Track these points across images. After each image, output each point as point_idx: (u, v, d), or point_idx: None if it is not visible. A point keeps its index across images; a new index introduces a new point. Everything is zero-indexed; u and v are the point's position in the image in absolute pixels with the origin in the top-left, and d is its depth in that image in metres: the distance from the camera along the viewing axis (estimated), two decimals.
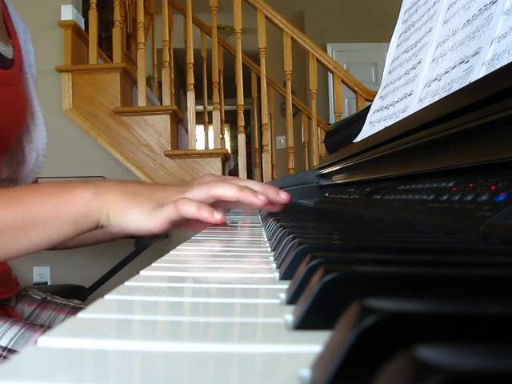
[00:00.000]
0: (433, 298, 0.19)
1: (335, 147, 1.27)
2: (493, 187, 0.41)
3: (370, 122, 0.98)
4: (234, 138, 7.34)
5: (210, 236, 0.59)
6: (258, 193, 0.57)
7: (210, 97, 2.95)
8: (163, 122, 2.57)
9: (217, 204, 0.60)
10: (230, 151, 2.89)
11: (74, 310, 0.88)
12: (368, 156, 0.81)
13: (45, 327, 0.72)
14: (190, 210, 0.53)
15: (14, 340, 0.67)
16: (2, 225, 0.54)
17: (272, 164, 3.05)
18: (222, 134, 3.21)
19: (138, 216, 0.54)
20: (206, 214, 0.53)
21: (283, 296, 0.25)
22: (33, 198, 0.56)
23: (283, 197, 0.61)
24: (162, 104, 2.85)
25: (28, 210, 0.55)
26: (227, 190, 0.57)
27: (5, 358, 0.66)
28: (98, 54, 2.68)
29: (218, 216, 0.54)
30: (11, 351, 0.66)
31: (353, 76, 2.78)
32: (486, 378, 0.09)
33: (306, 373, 0.15)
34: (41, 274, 2.53)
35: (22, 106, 0.82)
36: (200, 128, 4.04)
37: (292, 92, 2.79)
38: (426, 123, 0.56)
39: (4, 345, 0.66)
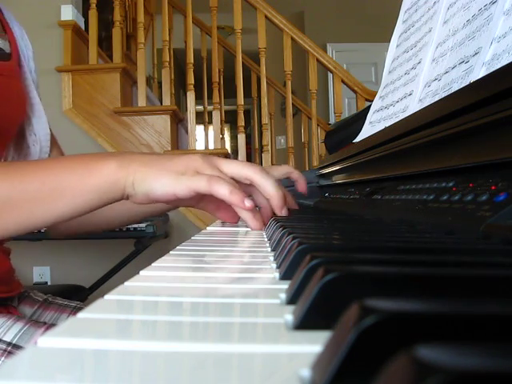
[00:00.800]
0: (433, 298, 0.19)
1: (335, 147, 1.27)
2: (493, 187, 0.41)
3: (370, 122, 0.98)
4: (233, 138, 7.34)
5: (210, 236, 0.59)
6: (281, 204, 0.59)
7: (210, 97, 2.95)
8: (163, 122, 2.57)
9: (243, 186, 0.59)
10: (229, 151, 2.89)
11: (76, 311, 0.88)
12: (368, 156, 0.81)
13: (48, 324, 0.72)
14: (222, 191, 0.53)
15: (19, 336, 0.67)
16: (31, 194, 0.55)
17: (272, 164, 3.05)
18: (222, 134, 3.21)
19: (165, 180, 0.54)
20: (237, 199, 0.53)
21: (283, 296, 0.25)
22: (59, 169, 0.57)
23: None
24: (162, 104, 2.85)
25: (55, 180, 0.56)
26: (267, 183, 0.57)
27: (9, 353, 0.66)
28: (98, 54, 2.68)
29: (248, 203, 0.54)
30: (15, 346, 0.66)
31: (353, 76, 2.78)
32: (486, 378, 0.09)
33: (306, 373, 0.15)
34: (41, 274, 2.53)
35: (21, 97, 0.83)
36: (200, 128, 4.04)
37: (292, 92, 2.79)
38: (426, 123, 0.56)
39: (8, 340, 0.67)
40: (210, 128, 2.89)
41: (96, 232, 0.92)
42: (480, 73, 0.55)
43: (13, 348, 0.66)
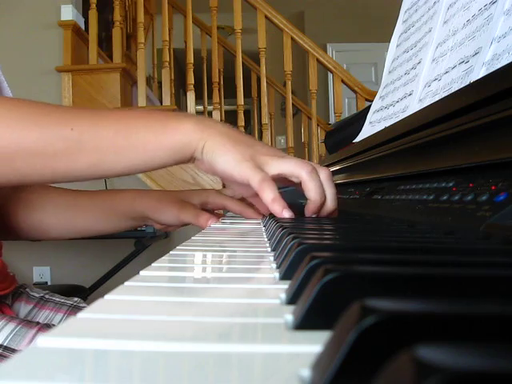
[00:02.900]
0: (433, 297, 0.19)
1: (335, 147, 1.27)
2: (493, 187, 0.41)
3: (370, 122, 0.98)
4: None
5: (210, 236, 0.59)
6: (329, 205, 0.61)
7: (210, 97, 2.95)
8: None
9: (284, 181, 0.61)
10: None
11: (72, 309, 0.88)
12: (368, 156, 0.81)
13: (40, 324, 0.71)
14: (267, 196, 0.56)
15: (10, 337, 0.67)
16: (102, 141, 0.56)
17: None
18: None
19: (229, 159, 0.56)
20: (278, 209, 0.57)
21: (283, 296, 0.25)
22: (134, 121, 0.58)
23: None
24: (162, 104, 2.85)
25: (129, 132, 0.57)
26: (311, 186, 0.58)
27: (0, 355, 0.66)
28: (98, 54, 2.68)
29: (286, 214, 0.57)
30: (7, 349, 0.66)
31: (353, 76, 2.78)
32: (486, 378, 0.09)
33: (306, 373, 0.15)
34: (41, 274, 2.53)
35: None
36: None
37: (292, 92, 2.79)
38: (426, 123, 0.56)
39: (0, 342, 0.67)
40: None
41: (82, 236, 0.93)
42: (480, 73, 0.55)
43: (4, 350, 0.66)
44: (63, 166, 0.56)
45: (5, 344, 0.66)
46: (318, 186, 0.58)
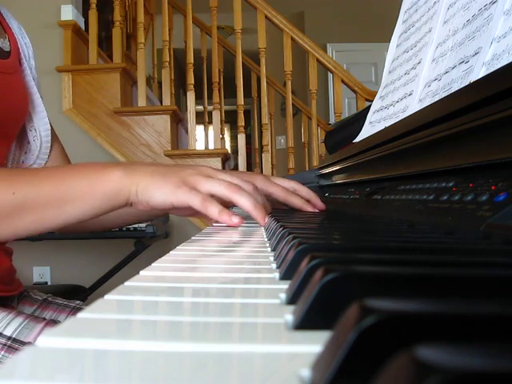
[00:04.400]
0: (433, 297, 0.19)
1: (335, 147, 1.27)
2: (493, 187, 0.41)
3: (370, 122, 0.98)
4: (234, 138, 7.33)
5: (210, 236, 0.59)
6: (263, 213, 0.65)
7: (210, 97, 2.95)
8: (163, 122, 2.57)
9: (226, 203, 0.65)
10: (230, 151, 2.89)
11: (75, 311, 0.88)
12: (368, 156, 0.81)
13: (47, 320, 0.72)
14: (213, 212, 0.60)
15: (18, 330, 0.69)
16: (43, 199, 0.60)
17: (272, 164, 3.05)
18: (222, 134, 3.21)
19: (164, 191, 0.61)
20: (226, 218, 0.61)
21: (283, 296, 0.25)
22: (71, 176, 0.63)
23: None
24: (162, 104, 2.85)
25: (67, 186, 0.61)
26: (245, 201, 0.62)
27: (9, 347, 0.67)
28: (98, 54, 2.68)
29: (235, 220, 0.61)
30: (15, 341, 0.68)
31: (353, 76, 2.78)
32: (486, 378, 0.09)
33: (306, 373, 0.15)
34: (41, 274, 2.53)
35: (22, 94, 0.84)
36: (200, 128, 4.04)
37: (292, 92, 2.79)
38: (426, 123, 0.56)
39: (8, 334, 0.68)
40: (210, 128, 2.89)
41: (97, 231, 0.98)
42: (480, 73, 0.55)
43: (13, 342, 0.67)
44: (9, 226, 0.61)
45: (13, 336, 0.68)
46: (248, 198, 0.63)
